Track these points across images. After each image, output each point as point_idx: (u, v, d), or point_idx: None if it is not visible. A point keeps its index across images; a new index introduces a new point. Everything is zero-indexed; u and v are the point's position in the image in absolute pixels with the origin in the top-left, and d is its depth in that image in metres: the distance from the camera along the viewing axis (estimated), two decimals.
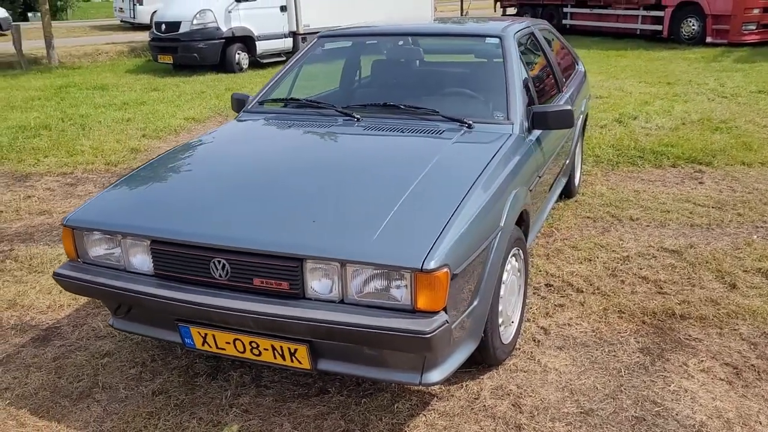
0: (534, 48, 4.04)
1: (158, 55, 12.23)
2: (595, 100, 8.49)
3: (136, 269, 2.47)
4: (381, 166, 2.78)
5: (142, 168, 2.96)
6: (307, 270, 2.22)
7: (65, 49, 16.24)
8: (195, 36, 11.69)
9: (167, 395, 2.68)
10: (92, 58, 15.53)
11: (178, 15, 11.90)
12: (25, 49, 15.07)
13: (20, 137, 7.22)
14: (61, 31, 21.62)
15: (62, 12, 28.64)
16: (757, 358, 2.86)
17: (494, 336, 2.67)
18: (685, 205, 4.71)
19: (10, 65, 13.79)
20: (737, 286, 3.49)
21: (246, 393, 2.69)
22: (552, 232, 4.30)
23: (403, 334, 2.10)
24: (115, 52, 16.26)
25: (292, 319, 2.19)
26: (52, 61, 13.83)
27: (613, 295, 3.42)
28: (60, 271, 2.55)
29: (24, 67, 13.41)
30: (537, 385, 2.71)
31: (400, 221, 2.29)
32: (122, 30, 21.40)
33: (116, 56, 15.87)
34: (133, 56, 15.43)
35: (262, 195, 2.54)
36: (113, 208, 2.57)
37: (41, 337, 3.16)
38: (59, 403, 2.66)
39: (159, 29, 12.13)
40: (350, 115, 3.25)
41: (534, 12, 19.08)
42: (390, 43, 4.00)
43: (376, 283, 2.20)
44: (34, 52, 14.86)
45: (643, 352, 2.92)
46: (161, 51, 12.12)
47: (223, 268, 2.29)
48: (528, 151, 3.07)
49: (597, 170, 5.60)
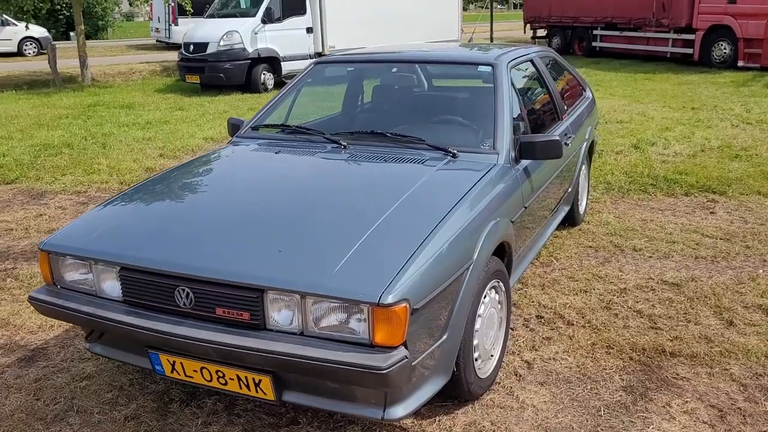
0: (533, 76, 4.00)
1: (186, 74, 12.47)
2: (615, 125, 8.39)
3: (107, 295, 2.49)
4: (357, 195, 2.77)
5: (122, 194, 3.00)
6: (267, 301, 2.21)
7: (100, 68, 16.68)
8: (222, 56, 11.90)
9: (138, 421, 2.69)
10: (125, 77, 15.91)
11: (206, 36, 12.14)
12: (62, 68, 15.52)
13: (42, 155, 7.39)
14: (98, 50, 22.24)
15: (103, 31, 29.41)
16: (745, 401, 2.75)
17: (468, 371, 2.61)
18: (693, 235, 4.59)
19: (46, 83, 14.19)
20: (734, 323, 3.38)
21: (216, 422, 2.68)
22: (551, 261, 4.23)
23: (358, 369, 2.07)
24: (148, 72, 16.63)
25: (251, 350, 2.18)
26: (85, 80, 14.19)
27: (604, 329, 3.34)
28: (34, 295, 2.58)
29: (58, 85, 13.77)
30: (511, 423, 2.65)
31: (364, 253, 2.27)
32: (157, 49, 21.91)
33: (149, 75, 16.23)
34: (164, 75, 15.76)
35: (232, 224, 2.55)
36: (88, 234, 2.60)
37: (27, 357, 3.20)
38: (33, 425, 2.68)
39: (187, 50, 12.38)
40: (337, 142, 3.25)
41: (563, 34, 19.03)
42: (385, 69, 4.01)
43: (336, 316, 2.18)
44: (69, 70, 15.29)
45: (627, 391, 2.84)
46: (189, 71, 12.35)
47: (187, 297, 2.29)
48: (512, 182, 3.03)
49: (606, 198, 5.51)
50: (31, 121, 9.64)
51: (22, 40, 20.63)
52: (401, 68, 3.94)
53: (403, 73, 3.95)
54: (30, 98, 12.10)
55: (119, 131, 8.73)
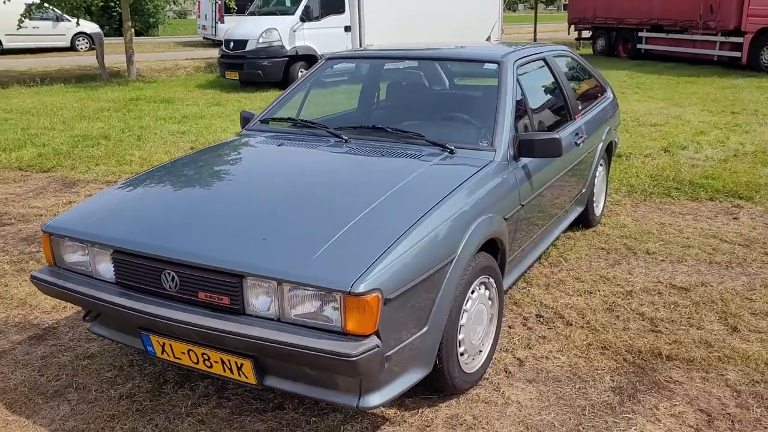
0: (544, 75, 3.98)
1: (226, 71, 12.71)
2: (648, 128, 8.24)
3: (101, 277, 2.60)
4: (349, 187, 2.81)
5: (126, 180, 3.10)
6: (247, 286, 2.28)
7: (147, 63, 17.12)
8: (260, 54, 12.09)
9: (132, 400, 2.79)
10: (170, 73, 16.28)
11: (245, 33, 12.35)
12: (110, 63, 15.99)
13: (80, 145, 7.65)
14: (147, 46, 22.82)
15: (154, 28, 30.12)
16: (736, 407, 2.70)
17: (451, 364, 2.63)
18: (710, 240, 4.50)
19: (94, 78, 14.63)
20: (739, 329, 3.31)
21: (206, 403, 2.76)
22: (560, 261, 4.20)
23: (329, 355, 2.12)
24: (192, 68, 16.99)
25: (230, 334, 2.24)
26: (131, 74, 14.59)
27: (602, 331, 3.31)
28: (36, 275, 2.71)
29: (105, 79, 14.19)
30: (493, 418, 2.66)
31: (344, 243, 2.32)
32: (204, 47, 22.35)
33: (193, 71, 16.58)
34: (207, 72, 16.08)
35: (221, 212, 2.63)
36: (87, 218, 2.71)
37: (38, 336, 3.34)
38: (33, 399, 2.81)
39: (228, 46, 12.62)
40: (339, 136, 3.31)
41: (608, 36, 18.74)
42: (393, 66, 4.04)
43: (311, 304, 2.23)
44: (117, 65, 15.73)
45: (615, 392, 2.82)
46: (228, 67, 12.59)
47: (172, 280, 2.37)
48: (508, 179, 3.03)
49: (627, 200, 5.43)
50: (75, 113, 9.97)
51: (75, 36, 21.27)
52: (409, 65, 3.97)
53: (413, 69, 3.98)
54: (77, 91, 12.50)
55: (156, 124, 8.97)
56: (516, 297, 3.70)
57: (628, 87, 12.24)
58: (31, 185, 6.16)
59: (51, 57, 19.56)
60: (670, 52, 16.48)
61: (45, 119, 9.37)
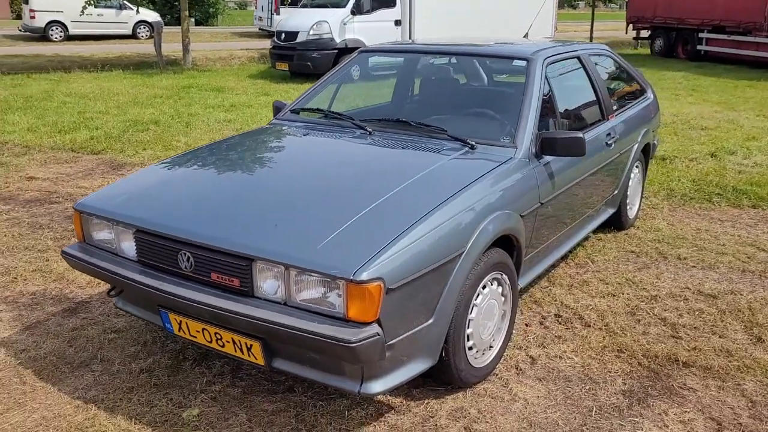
0: (577, 73, 3.94)
1: (276, 62, 12.90)
2: (698, 132, 8.03)
3: (125, 255, 2.71)
4: (366, 178, 2.86)
5: (157, 163, 3.22)
6: (256, 270, 2.35)
7: (203, 52, 17.50)
8: (310, 46, 12.24)
9: (151, 374, 2.90)
10: (225, 62, 16.61)
11: (296, 25, 12.52)
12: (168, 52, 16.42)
13: (130, 130, 7.91)
14: (205, 36, 23.30)
15: (214, 18, 30.72)
16: (749, 417, 2.65)
17: (458, 358, 2.66)
18: (747, 249, 4.39)
19: (151, 65, 15.05)
20: (763, 339, 3.23)
21: (220, 382, 2.86)
22: (586, 263, 4.16)
23: (329, 340, 2.17)
24: (246, 58, 17.30)
25: (238, 315, 2.32)
26: (186, 63, 14.95)
27: (620, 334, 3.28)
28: (66, 250, 2.85)
29: (161, 67, 14.57)
30: (498, 413, 2.67)
31: (353, 231, 2.37)
32: (260, 37, 22.70)
33: (246, 62, 16.88)
34: (260, 62, 16.34)
35: (239, 196, 2.71)
36: (115, 197, 2.83)
37: (71, 308, 3.50)
38: (60, 368, 2.95)
39: (279, 38, 12.81)
40: (363, 128, 3.36)
41: (667, 36, 18.27)
42: (424, 60, 4.06)
43: (316, 290, 2.28)
44: (175, 54, 16.14)
45: (625, 395, 2.80)
46: (279, 58, 12.78)
47: (188, 261, 2.47)
48: (528, 177, 3.03)
49: (665, 204, 5.33)
50: (129, 98, 10.29)
51: (136, 24, 21.90)
52: (439, 60, 3.99)
53: (443, 64, 4.00)
54: (134, 78, 12.89)
55: (204, 112, 9.19)
56: (537, 296, 3.69)
57: (683, 89, 11.94)
58: (81, 166, 6.41)
59: (113, 44, 20.19)
60: (731, 54, 15.95)
61: (101, 104, 9.71)
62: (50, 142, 7.26)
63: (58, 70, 13.77)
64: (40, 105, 9.54)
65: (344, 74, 4.04)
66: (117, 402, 2.71)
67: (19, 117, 8.56)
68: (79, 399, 2.73)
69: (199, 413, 2.64)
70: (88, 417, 2.61)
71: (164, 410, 2.66)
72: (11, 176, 5.98)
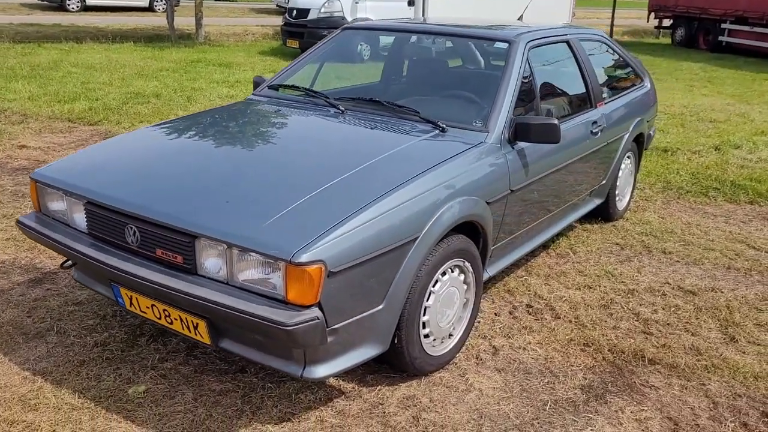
0: (564, 58, 3.82)
1: (287, 39, 12.81)
2: (706, 124, 7.85)
3: (77, 226, 2.67)
4: (327, 156, 2.79)
5: (121, 135, 3.17)
6: (199, 247, 2.29)
7: (218, 27, 17.45)
8: (321, 24, 12.12)
9: (105, 348, 2.87)
10: (239, 38, 16.54)
11: (308, 2, 12.40)
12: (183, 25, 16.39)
13: (130, 102, 7.88)
14: (222, 11, 23.24)
15: None
16: (708, 419, 2.57)
17: (411, 345, 2.60)
18: (736, 245, 4.27)
19: (164, 38, 15.01)
20: (737, 339, 3.14)
21: (173, 359, 2.82)
22: (567, 253, 4.07)
23: (266, 322, 2.12)
24: (260, 34, 17.22)
25: (179, 292, 2.27)
26: (199, 37, 14.89)
27: (590, 327, 3.20)
28: (22, 219, 2.81)
29: (173, 41, 14.53)
30: (450, 403, 2.61)
31: (302, 211, 2.30)
32: (277, 14, 22.57)
33: (260, 38, 16.80)
34: (273, 39, 16.25)
35: (192, 171, 2.65)
36: (70, 168, 2.78)
37: (37, 279, 3.48)
38: (15, 338, 2.93)
39: (291, 15, 12.71)
40: (336, 107, 3.28)
41: (689, 26, 17.90)
42: (405, 40, 3.96)
43: (258, 270, 2.22)
44: (190, 28, 16.08)
45: (584, 390, 2.72)
46: (290, 36, 12.68)
47: (134, 235, 2.42)
48: (497, 163, 2.93)
49: (660, 197, 5.20)
50: (135, 71, 10.26)
51: None
52: (422, 40, 3.89)
53: (424, 44, 3.91)
54: (144, 50, 12.85)
55: (208, 87, 9.13)
56: (511, 285, 3.61)
57: (698, 80, 11.69)
58: (75, 137, 6.39)
59: (129, 16, 20.19)
60: (753, 46, 15.58)
61: (106, 75, 9.69)
62: (48, 112, 7.25)
63: (70, 41, 13.77)
64: (45, 74, 9.54)
65: (327, 51, 3.95)
66: (65, 375, 2.68)
67: (22, 85, 8.56)
68: (28, 370, 2.71)
69: (145, 390, 2.61)
70: (34, 389, 2.58)
71: (111, 385, 2.62)
72: (3, 144, 5.97)
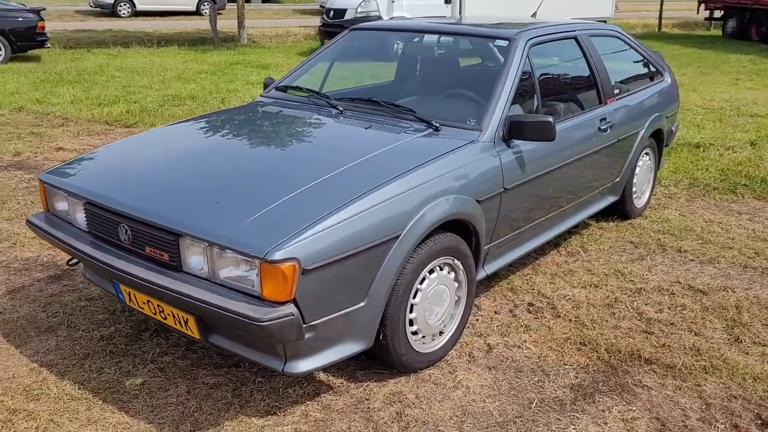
0: (571, 54, 3.79)
1: (325, 39, 12.96)
2: (745, 119, 7.62)
3: (79, 225, 2.80)
4: (318, 155, 2.85)
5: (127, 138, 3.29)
6: (184, 245, 2.38)
7: (261, 29, 17.76)
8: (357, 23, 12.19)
9: (109, 342, 3.00)
10: (281, 39, 16.82)
11: (345, 2, 12.53)
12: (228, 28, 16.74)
13: (167, 104, 8.12)
14: (267, 13, 23.61)
15: None
16: (698, 420, 2.53)
17: (397, 342, 2.63)
18: (757, 244, 4.15)
19: (208, 41, 15.36)
20: (742, 340, 3.06)
21: (173, 353, 2.92)
22: (578, 251, 4.03)
23: (241, 318, 2.18)
24: (302, 35, 17.47)
25: (165, 289, 2.36)
26: (241, 39, 15.20)
27: (589, 326, 3.17)
28: (31, 219, 2.96)
29: (216, 43, 14.87)
30: (436, 399, 2.63)
31: (282, 210, 2.36)
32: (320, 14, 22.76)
33: (302, 39, 17.05)
34: (314, 40, 16.43)
35: (186, 172, 2.74)
36: (75, 170, 2.91)
37: (56, 276, 3.65)
38: (28, 332, 3.09)
39: (328, 15, 12.86)
40: (336, 107, 3.34)
41: (741, 17, 17.31)
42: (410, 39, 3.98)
43: (237, 267, 2.30)
44: (233, 31, 16.41)
45: (573, 389, 2.71)
46: (328, 36, 12.81)
47: (126, 233, 2.52)
48: (489, 161, 2.94)
49: (684, 194, 5.09)
50: (176, 74, 10.55)
51: (200, 1, 22.33)
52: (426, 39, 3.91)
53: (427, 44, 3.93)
54: (187, 54, 13.20)
55: (243, 88, 9.32)
56: (515, 283, 3.61)
57: (745, 73, 11.33)
58: (110, 139, 6.63)
59: (177, 20, 20.72)
60: None
61: (147, 78, 9.99)
62: (88, 115, 7.54)
63: (118, 46, 14.24)
64: (90, 78, 9.90)
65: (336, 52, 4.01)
66: (69, 367, 2.81)
67: (66, 90, 8.91)
68: (36, 362, 2.85)
69: (142, 382, 2.71)
70: (38, 380, 2.72)
71: (111, 378, 2.74)
72: (42, 146, 6.24)
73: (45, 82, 9.54)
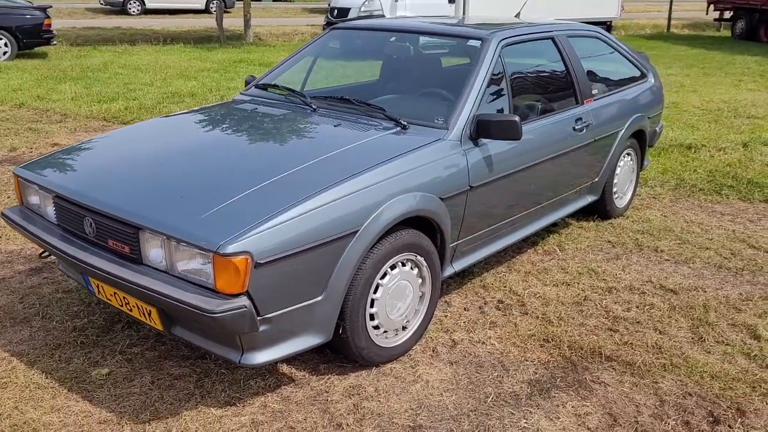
0: (547, 55, 3.82)
1: None
2: (741, 120, 7.60)
3: (49, 219, 2.86)
4: (284, 152, 2.90)
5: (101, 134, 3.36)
6: (144, 239, 2.44)
7: (268, 28, 17.87)
8: None
9: (81, 333, 3.07)
10: (288, 38, 16.90)
11: (348, 2, 12.60)
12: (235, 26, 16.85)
13: (165, 102, 8.20)
14: (275, 11, 23.71)
15: None
16: (650, 416, 2.56)
17: (356, 336, 2.68)
18: (734, 245, 4.16)
19: (214, 39, 15.47)
20: (705, 339, 3.08)
21: (142, 345, 2.99)
22: (554, 250, 4.06)
23: (195, 310, 2.24)
24: (309, 34, 17.52)
25: (125, 281, 2.42)
26: (247, 38, 15.29)
27: (555, 324, 3.20)
28: (5, 212, 3.03)
29: (222, 42, 14.97)
30: (394, 393, 2.68)
31: (240, 204, 2.41)
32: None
33: (309, 37, 17.08)
34: None
35: (151, 168, 2.80)
36: (47, 164, 2.98)
37: (38, 268, 3.72)
38: (3, 322, 3.16)
39: (332, 14, 12.92)
40: (309, 105, 3.39)
41: (750, 17, 17.20)
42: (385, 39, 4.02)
43: (193, 260, 2.35)
44: (240, 29, 16.51)
45: (531, 384, 2.74)
46: None
47: (90, 226, 2.59)
48: (455, 159, 2.97)
49: (669, 194, 5.10)
50: (178, 71, 10.64)
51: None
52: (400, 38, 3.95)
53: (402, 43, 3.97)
54: (192, 51, 13.30)
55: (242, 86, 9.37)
56: (488, 281, 3.64)
57: (748, 74, 11.27)
58: None
59: (185, 18, 20.87)
60: None
61: (149, 76, 10.09)
62: (87, 111, 7.63)
63: (125, 43, 14.37)
64: (93, 76, 10.02)
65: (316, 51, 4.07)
66: (39, 357, 2.88)
67: (68, 86, 9.03)
68: (7, 352, 2.92)
69: (108, 373, 2.78)
70: (7, 369, 2.79)
71: (78, 368, 2.81)
72: (38, 142, 6.34)
73: (48, 78, 9.66)
